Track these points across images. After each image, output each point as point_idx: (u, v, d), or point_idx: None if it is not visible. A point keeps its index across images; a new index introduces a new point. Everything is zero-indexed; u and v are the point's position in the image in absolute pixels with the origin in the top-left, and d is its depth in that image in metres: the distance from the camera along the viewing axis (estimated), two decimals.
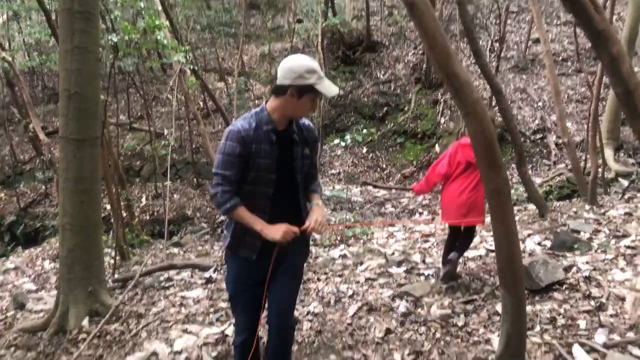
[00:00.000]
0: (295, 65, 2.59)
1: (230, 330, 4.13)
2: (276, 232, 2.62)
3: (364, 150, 13.67)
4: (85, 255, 4.71)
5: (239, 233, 2.78)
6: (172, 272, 6.08)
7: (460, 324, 3.81)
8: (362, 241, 6.75)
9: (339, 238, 7.00)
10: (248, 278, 2.84)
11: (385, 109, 14.17)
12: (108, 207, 8.71)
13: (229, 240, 2.83)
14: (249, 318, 2.93)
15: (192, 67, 8.08)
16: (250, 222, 2.66)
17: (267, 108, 2.74)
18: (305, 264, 3.32)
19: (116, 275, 6.25)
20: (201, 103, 14.82)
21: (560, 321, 3.58)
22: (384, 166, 13.04)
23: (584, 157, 8.43)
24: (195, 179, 12.58)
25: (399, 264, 5.20)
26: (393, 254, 5.64)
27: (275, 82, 2.68)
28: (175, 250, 7.89)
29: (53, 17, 7.10)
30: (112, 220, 7.86)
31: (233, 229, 2.79)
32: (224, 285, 5.31)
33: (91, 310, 4.71)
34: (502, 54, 12.64)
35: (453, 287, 4.47)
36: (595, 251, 4.80)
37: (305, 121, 2.89)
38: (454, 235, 4.68)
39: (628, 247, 4.75)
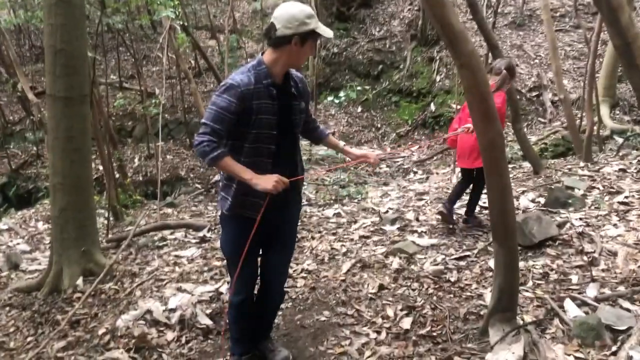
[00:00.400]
0: (296, 12, 2.53)
1: (224, 288, 4.14)
2: (267, 182, 2.54)
3: (359, 109, 13.56)
4: (78, 214, 4.69)
5: (241, 194, 2.72)
6: (165, 232, 6.07)
7: (453, 279, 3.83)
8: (356, 200, 6.74)
9: (333, 197, 6.98)
10: (247, 237, 2.81)
11: (380, 66, 13.98)
12: (100, 167, 8.66)
13: (229, 202, 2.76)
14: (248, 278, 2.93)
15: (182, 24, 7.89)
16: (238, 171, 2.58)
17: (265, 61, 2.65)
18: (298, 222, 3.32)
19: (110, 236, 6.25)
20: (192, 62, 14.59)
21: (553, 276, 3.60)
22: (379, 125, 12.96)
23: (579, 115, 8.37)
24: (187, 139, 12.48)
25: (393, 222, 5.20)
26: (387, 212, 5.64)
27: (271, 33, 2.58)
28: (169, 210, 7.88)
29: None
30: (104, 180, 7.83)
31: (235, 190, 2.72)
32: (217, 244, 5.31)
33: (85, 269, 4.71)
34: (499, 10, 12.43)
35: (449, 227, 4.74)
36: (589, 207, 4.80)
37: (297, 73, 2.82)
38: (466, 180, 4.80)
39: (621, 203, 4.75)
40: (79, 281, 4.60)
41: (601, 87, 8.85)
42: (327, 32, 2.62)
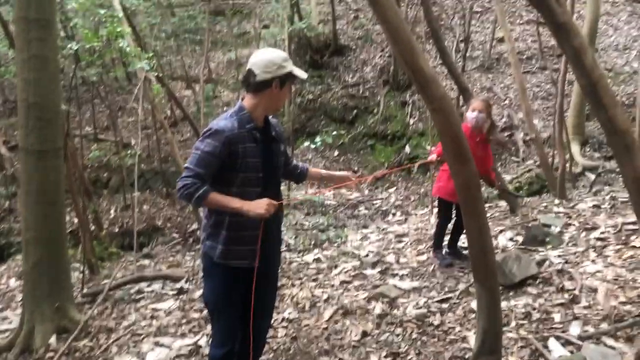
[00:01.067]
0: (273, 57, 2.65)
1: (203, 341, 4.03)
2: (258, 207, 2.55)
3: (335, 153, 13.65)
4: (51, 269, 4.57)
5: (232, 241, 2.70)
6: (142, 284, 5.93)
7: (436, 323, 3.78)
8: (336, 244, 6.70)
9: (312, 242, 6.94)
10: (235, 288, 2.77)
11: (355, 111, 14.18)
12: (75, 220, 8.49)
13: (220, 249, 2.72)
14: (234, 329, 2.87)
15: (157, 75, 7.94)
16: (227, 203, 2.58)
17: (246, 107, 2.72)
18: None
19: (85, 290, 6.07)
20: (168, 111, 14.61)
21: (535, 315, 3.59)
22: (356, 168, 13.03)
23: (551, 153, 8.54)
24: (164, 189, 12.37)
25: (374, 265, 5.17)
26: (367, 255, 5.61)
27: (251, 79, 2.66)
28: (146, 261, 7.72)
29: (11, 28, 6.89)
30: (79, 233, 7.67)
31: (225, 237, 2.70)
32: (195, 295, 5.21)
33: (59, 326, 4.56)
34: (468, 54, 12.79)
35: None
36: (567, 244, 4.84)
37: (271, 118, 2.90)
38: (445, 215, 4.88)
39: (598, 239, 4.80)
40: (52, 339, 4.44)
41: (570, 126, 9.08)
42: (302, 74, 2.74)
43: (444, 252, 5.02)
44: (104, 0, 10.40)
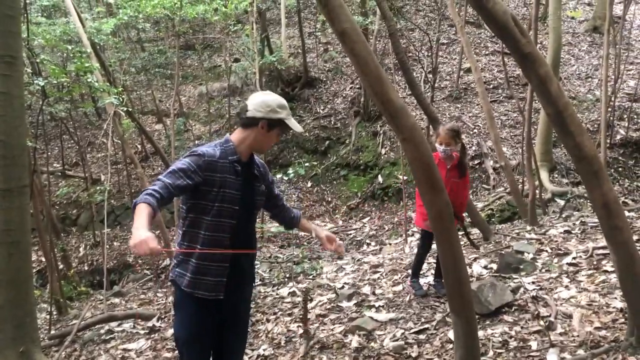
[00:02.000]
0: (269, 99, 2.70)
1: None
2: (140, 239, 2.23)
3: (309, 184, 13.66)
4: (16, 312, 4.39)
5: (200, 271, 2.66)
6: (113, 324, 5.76)
7: (414, 354, 3.74)
8: (311, 277, 6.62)
9: (287, 275, 6.85)
10: (205, 320, 2.72)
11: (327, 142, 14.26)
12: (43, 259, 8.27)
13: (187, 278, 2.67)
14: None
15: (126, 109, 7.87)
16: (137, 219, 2.32)
17: (232, 139, 2.74)
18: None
19: (53, 332, 5.88)
20: (139, 146, 14.49)
21: (512, 344, 3.57)
22: (330, 199, 13.04)
23: (520, 180, 8.67)
24: None
25: (350, 297, 5.11)
26: (343, 287, 5.55)
27: (242, 113, 2.72)
28: (117, 300, 7.52)
29: None
30: (47, 272, 7.45)
31: (194, 266, 2.66)
32: (167, 334, 5.07)
33: None
34: (436, 84, 13.02)
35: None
36: (540, 271, 4.87)
37: (258, 159, 2.92)
38: (425, 243, 4.80)
39: (570, 264, 4.85)
40: None
41: (538, 153, 9.26)
42: (296, 127, 2.76)
43: (421, 281, 4.97)
44: (73, 36, 10.37)
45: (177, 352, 4.43)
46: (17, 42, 4.40)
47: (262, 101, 2.70)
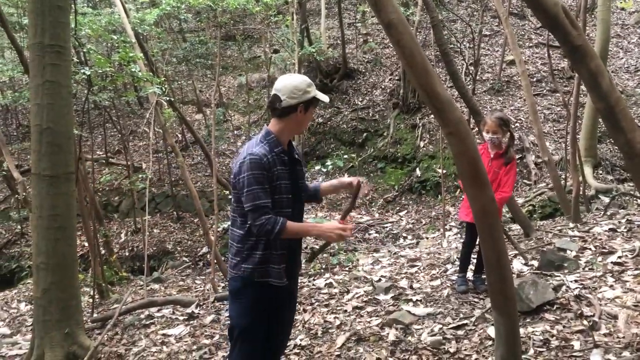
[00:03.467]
0: (298, 82, 2.74)
1: None
2: (333, 230, 2.66)
3: (345, 176, 13.63)
4: (61, 295, 4.53)
5: (267, 260, 2.76)
6: (152, 309, 5.88)
7: (452, 350, 3.70)
8: (347, 269, 6.63)
9: (323, 266, 6.87)
10: (265, 309, 2.83)
11: (365, 134, 14.20)
12: (86, 244, 8.50)
13: (256, 269, 2.76)
14: (261, 352, 2.87)
15: (168, 99, 7.99)
16: (302, 229, 2.74)
17: (273, 131, 2.79)
18: None
19: (95, 315, 6.04)
20: (179, 135, 14.72)
21: (554, 343, 3.50)
22: (366, 192, 13.00)
23: (563, 176, 8.47)
24: (175, 212, 12.38)
25: (387, 290, 5.09)
26: (380, 280, 5.53)
27: (277, 105, 2.73)
28: (156, 286, 7.68)
29: (26, 54, 6.99)
30: (89, 257, 7.66)
31: (260, 256, 2.74)
32: (206, 321, 5.16)
33: (68, 353, 4.50)
34: (478, 77, 12.79)
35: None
36: (583, 269, 4.75)
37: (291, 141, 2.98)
38: (470, 237, 4.72)
39: (615, 263, 4.71)
40: None
41: (583, 148, 9.01)
42: (324, 97, 2.84)
43: (466, 276, 4.87)
44: (117, 26, 10.57)
45: (215, 339, 4.52)
46: (66, 33, 4.51)
47: (293, 86, 2.73)
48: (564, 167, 8.97)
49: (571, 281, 4.41)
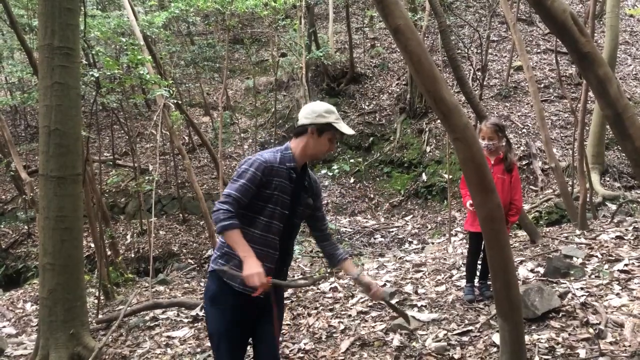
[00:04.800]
0: (316, 106, 2.83)
1: None
2: (252, 269, 2.52)
3: (352, 180, 13.64)
4: (67, 296, 4.54)
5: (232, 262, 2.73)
6: (157, 311, 5.89)
7: (456, 356, 3.68)
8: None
9: (328, 270, 6.86)
10: (237, 316, 2.77)
11: (371, 139, 14.20)
12: (92, 245, 8.53)
13: (222, 271, 2.75)
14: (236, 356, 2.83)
15: (175, 102, 8.02)
16: (239, 245, 2.59)
17: (291, 147, 2.86)
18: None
19: (100, 316, 6.06)
20: (186, 138, 14.76)
21: (560, 350, 3.48)
22: (372, 196, 12.99)
23: (570, 182, 8.43)
24: (181, 215, 12.42)
25: (391, 295, 5.07)
26: (384, 285, 5.52)
27: (296, 125, 2.89)
28: (161, 288, 7.69)
29: (35, 56, 7.04)
30: (95, 258, 7.68)
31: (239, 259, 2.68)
32: None
33: (73, 354, 4.51)
34: (485, 83, 12.78)
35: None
36: (589, 276, 4.72)
37: (313, 175, 3.03)
38: (475, 246, 4.69)
39: (622, 271, 4.68)
40: None
41: (590, 155, 8.98)
42: (346, 129, 2.84)
43: (473, 284, 4.84)
44: (126, 29, 10.63)
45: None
46: (75, 35, 4.54)
47: (310, 109, 2.82)
48: (571, 173, 8.94)
49: (577, 288, 4.39)
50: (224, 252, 2.78)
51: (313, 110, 2.81)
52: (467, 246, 5.06)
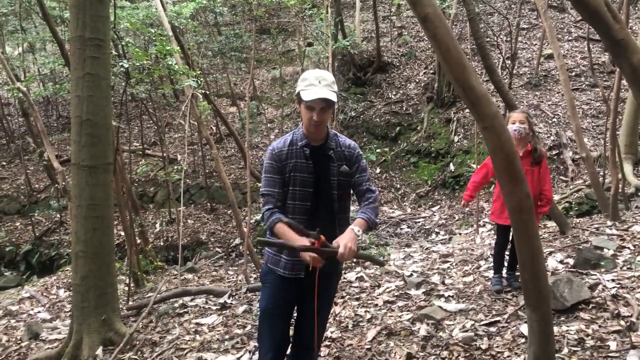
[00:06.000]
0: (305, 74, 2.77)
1: (245, 358, 4.02)
2: (308, 254, 2.59)
3: (378, 170, 13.58)
4: (99, 282, 4.66)
5: (277, 251, 2.87)
6: (186, 299, 5.99)
7: (484, 347, 3.67)
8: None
9: (354, 260, 6.87)
10: (282, 295, 2.89)
11: (398, 128, 14.10)
12: (122, 233, 8.69)
13: (271, 255, 2.91)
14: (275, 337, 2.92)
15: (203, 92, 8.08)
16: (286, 236, 2.67)
17: (302, 125, 2.86)
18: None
19: (130, 303, 6.18)
20: (214, 128, 14.87)
21: (589, 342, 3.44)
22: (398, 186, 12.93)
23: (602, 173, 8.27)
24: (209, 204, 12.55)
25: (418, 285, 5.07)
26: (411, 275, 5.52)
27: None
28: (190, 276, 7.81)
29: (66, 47, 7.17)
30: (125, 246, 7.83)
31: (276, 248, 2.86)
32: (239, 311, 5.23)
33: (105, 339, 4.64)
34: (514, 71, 12.56)
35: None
36: (621, 268, 4.64)
37: (349, 141, 2.95)
38: (502, 239, 4.69)
39: None
40: (99, 351, 4.51)
41: (622, 145, 8.78)
42: (309, 95, 2.65)
43: (501, 275, 4.81)
44: (154, 20, 10.73)
45: (247, 328, 4.59)
46: (106, 26, 4.61)
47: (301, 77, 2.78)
48: (603, 163, 8.75)
49: (608, 280, 4.32)
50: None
51: (301, 78, 2.76)
52: (495, 237, 5.02)
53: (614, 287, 4.17)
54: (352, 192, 2.98)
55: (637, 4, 12.19)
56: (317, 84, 2.67)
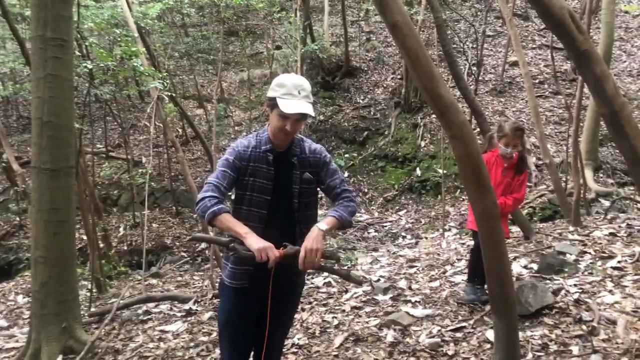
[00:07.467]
0: (278, 78, 2.61)
1: None
2: (256, 243, 2.39)
3: (346, 174, 13.61)
4: (59, 289, 4.52)
5: (229, 259, 2.70)
6: (150, 305, 5.88)
7: (450, 352, 3.69)
8: (346, 267, 6.61)
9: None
10: (233, 308, 2.75)
11: (366, 133, 14.17)
12: (84, 237, 8.47)
13: (227, 270, 2.73)
14: (237, 352, 2.81)
15: (169, 94, 7.96)
16: (234, 225, 2.49)
17: (268, 127, 2.70)
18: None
19: (92, 309, 6.03)
20: (180, 130, 14.68)
21: (553, 347, 3.49)
22: (366, 190, 12.98)
23: (564, 178, 8.45)
24: (174, 207, 12.37)
25: (385, 291, 5.08)
26: (378, 280, 5.52)
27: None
28: (154, 281, 7.67)
29: (27, 47, 6.97)
30: (88, 251, 7.64)
31: (232, 259, 2.68)
32: (204, 318, 5.15)
33: (65, 347, 4.50)
34: (480, 78, 12.77)
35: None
36: (583, 273, 4.74)
37: (315, 145, 2.78)
38: (476, 244, 4.54)
39: (615, 268, 4.70)
40: None
41: (584, 151, 8.99)
42: (288, 107, 2.49)
43: (475, 284, 4.74)
44: (120, 20, 10.53)
45: (213, 336, 4.52)
46: (69, 26, 4.49)
47: (273, 81, 2.63)
48: (565, 169, 8.95)
49: (570, 285, 4.41)
50: (225, 254, 2.77)
51: (274, 82, 2.60)
52: (471, 244, 5.02)
53: (576, 292, 4.25)
54: (328, 197, 2.82)
55: (597, 14, 12.53)
56: (297, 94, 2.53)
